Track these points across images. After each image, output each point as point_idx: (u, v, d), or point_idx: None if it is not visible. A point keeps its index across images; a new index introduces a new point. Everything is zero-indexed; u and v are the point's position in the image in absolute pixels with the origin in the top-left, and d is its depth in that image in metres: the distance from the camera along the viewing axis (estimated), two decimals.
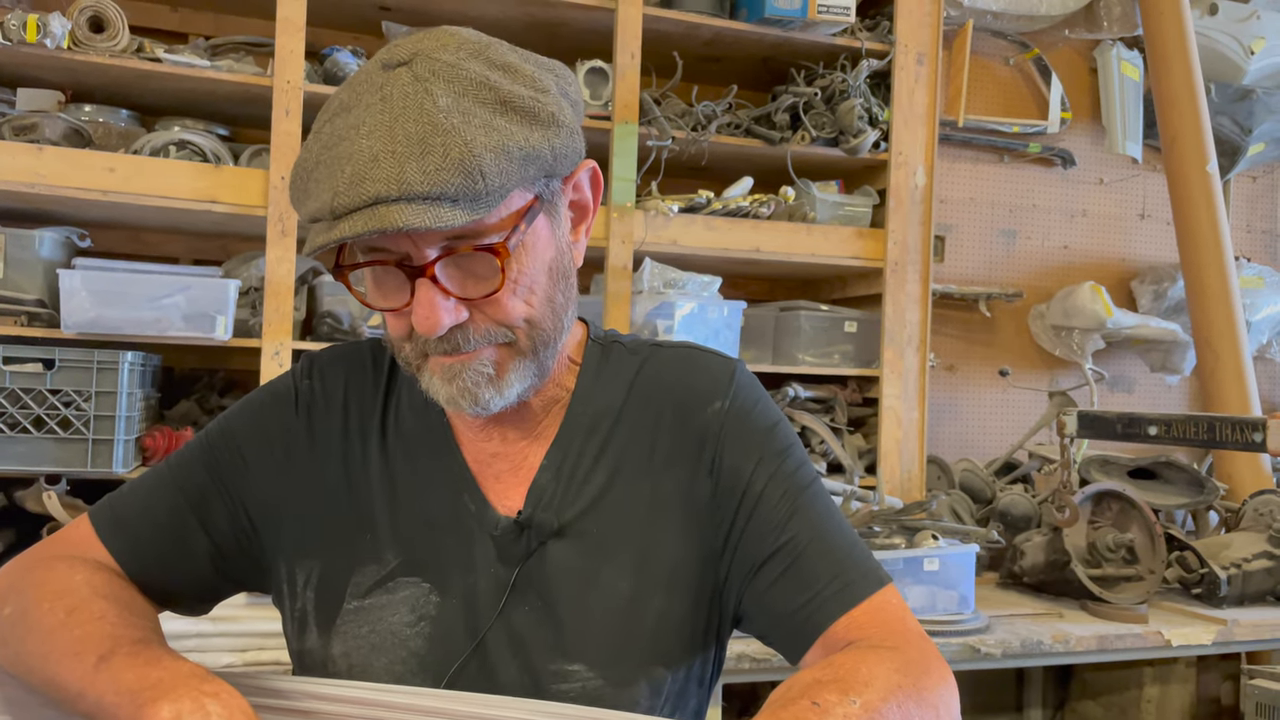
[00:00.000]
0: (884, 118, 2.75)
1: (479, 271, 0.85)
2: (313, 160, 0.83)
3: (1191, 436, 2.11)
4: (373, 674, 0.93)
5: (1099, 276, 3.52)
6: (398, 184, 0.77)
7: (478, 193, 0.79)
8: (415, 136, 0.78)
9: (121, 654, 0.80)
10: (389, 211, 0.77)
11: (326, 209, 0.79)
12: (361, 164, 0.78)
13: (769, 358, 2.82)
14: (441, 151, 0.78)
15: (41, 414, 2.05)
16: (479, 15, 2.56)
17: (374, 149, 0.78)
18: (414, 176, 0.77)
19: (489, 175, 0.79)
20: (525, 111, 0.82)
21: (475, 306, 0.86)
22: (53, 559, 0.95)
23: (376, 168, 0.78)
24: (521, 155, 0.81)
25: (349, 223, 0.78)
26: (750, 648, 2.04)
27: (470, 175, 0.78)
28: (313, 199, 0.81)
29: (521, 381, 0.90)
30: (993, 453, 3.34)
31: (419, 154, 0.78)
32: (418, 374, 0.91)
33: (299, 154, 0.86)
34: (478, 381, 0.88)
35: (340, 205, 0.78)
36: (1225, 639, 2.36)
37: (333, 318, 2.39)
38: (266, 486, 0.99)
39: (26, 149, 2.13)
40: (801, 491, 0.96)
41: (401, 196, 0.77)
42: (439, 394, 0.90)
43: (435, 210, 0.78)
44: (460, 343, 0.86)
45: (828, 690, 0.76)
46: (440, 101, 0.80)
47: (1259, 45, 3.48)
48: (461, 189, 0.78)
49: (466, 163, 0.78)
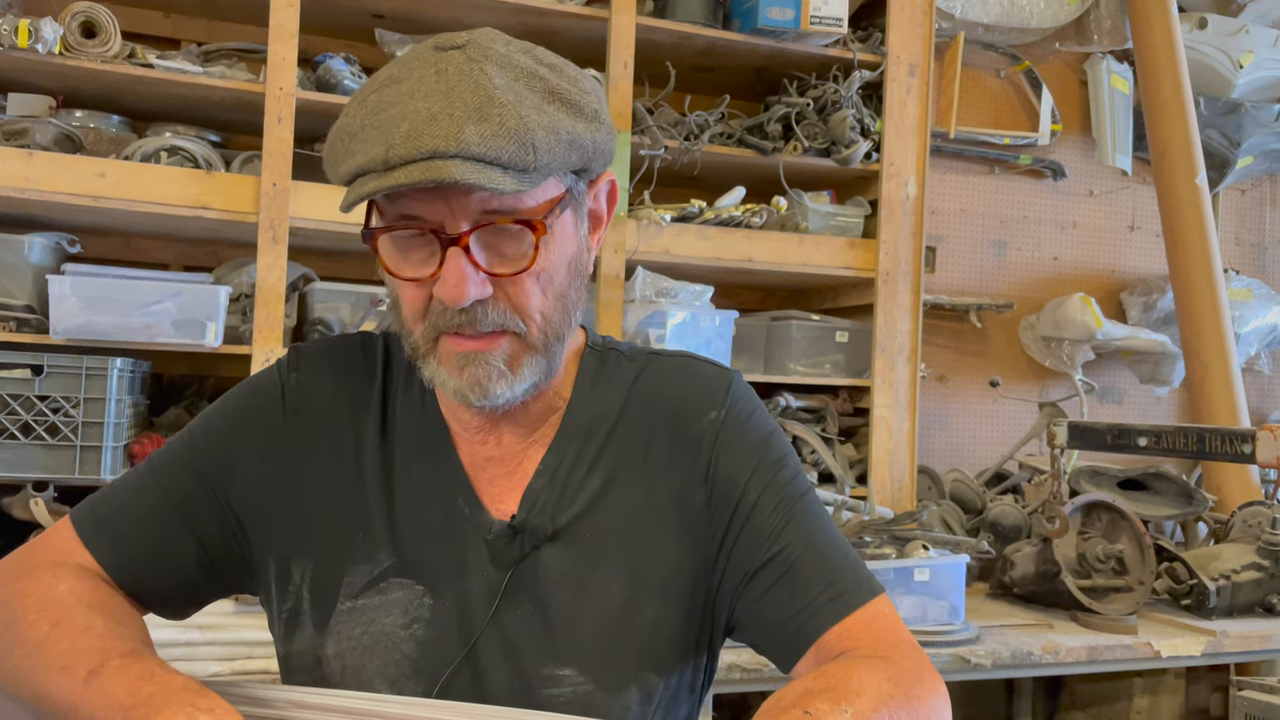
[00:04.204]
0: (876, 129, 2.76)
1: (507, 251, 0.86)
2: (356, 124, 0.84)
3: (1181, 448, 2.12)
4: (366, 675, 0.93)
5: (1089, 288, 3.53)
6: (456, 142, 0.79)
7: (528, 164, 0.81)
8: (472, 105, 0.81)
9: (112, 667, 0.79)
10: (445, 165, 0.79)
11: (379, 160, 0.80)
12: (419, 122, 0.80)
13: (761, 367, 2.82)
14: (498, 120, 0.80)
15: (29, 420, 2.04)
16: (473, 23, 2.52)
17: (432, 110, 0.81)
18: (472, 137, 0.79)
19: (540, 150, 0.82)
20: (571, 104, 0.86)
21: (499, 285, 0.86)
22: (36, 568, 0.93)
23: (435, 125, 0.80)
24: (569, 139, 0.85)
25: (404, 172, 0.79)
26: (741, 658, 2.04)
27: (524, 146, 0.81)
28: (358, 155, 0.82)
29: (531, 376, 0.90)
30: (983, 463, 3.35)
31: (477, 119, 0.80)
32: (423, 362, 0.90)
33: (338, 121, 0.87)
34: (489, 374, 0.88)
35: (395, 156, 0.79)
36: (1214, 650, 2.37)
37: (323, 325, 2.38)
38: (254, 486, 0.97)
39: (17, 154, 2.12)
40: (795, 501, 0.96)
41: (458, 154, 0.79)
42: (446, 385, 0.89)
43: (488, 172, 0.80)
44: (479, 319, 0.86)
45: (820, 699, 0.77)
46: (496, 80, 0.83)
47: (1248, 59, 3.50)
48: (514, 158, 0.81)
49: (521, 134, 0.81)
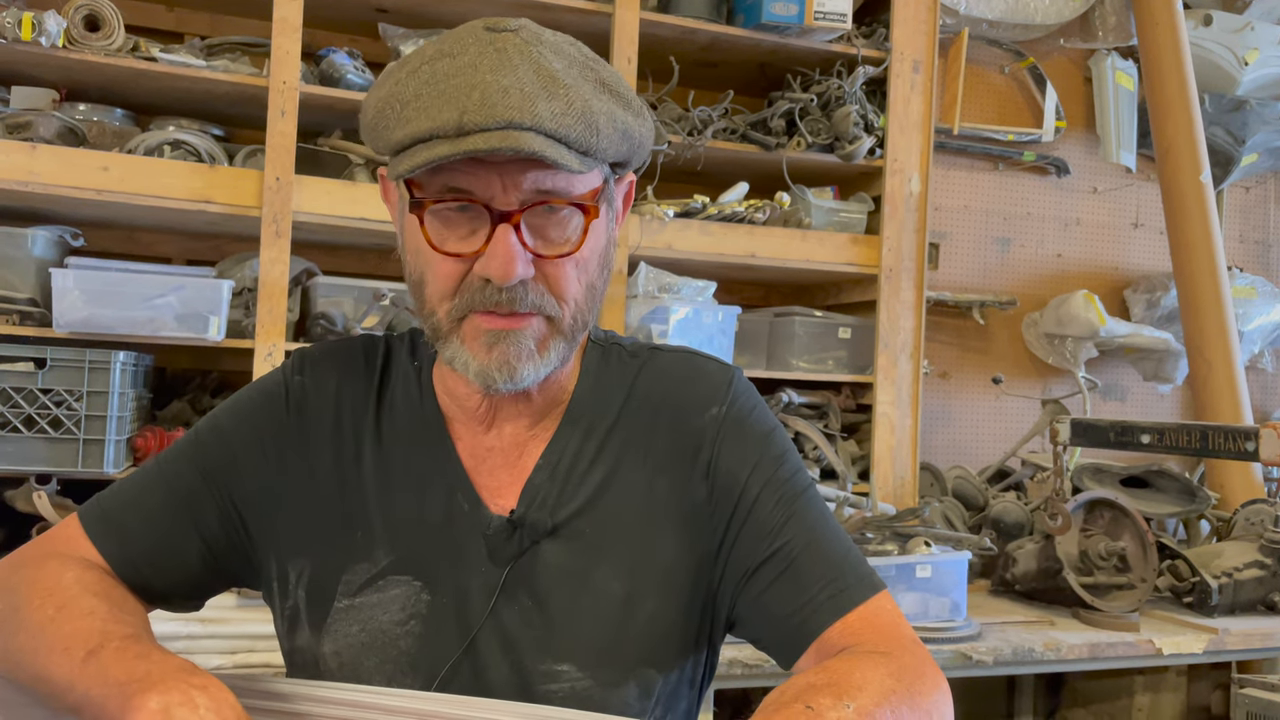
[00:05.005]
0: (879, 124, 2.76)
1: (552, 234, 0.87)
2: (410, 93, 0.83)
3: (1184, 445, 2.12)
4: (363, 673, 0.93)
5: (1092, 285, 3.53)
6: (531, 115, 0.80)
7: (590, 147, 0.83)
8: (539, 83, 0.82)
9: (110, 648, 0.80)
10: (522, 136, 0.79)
11: (452, 126, 0.80)
12: (492, 92, 0.80)
13: (763, 363, 2.82)
14: (565, 100, 0.82)
15: (32, 413, 2.04)
16: (476, 17, 2.55)
17: (502, 83, 0.81)
18: (544, 112, 0.80)
19: (602, 134, 0.84)
20: (620, 96, 0.87)
21: (539, 266, 0.87)
22: (43, 557, 0.94)
23: (508, 97, 0.80)
24: (623, 128, 0.86)
25: (481, 138, 0.79)
26: (742, 653, 2.04)
27: (590, 127, 0.82)
28: (418, 121, 0.82)
29: (555, 361, 0.90)
30: (985, 460, 3.34)
31: (546, 97, 0.81)
32: (444, 342, 0.90)
33: (378, 94, 0.86)
34: (519, 354, 0.88)
35: (470, 123, 0.79)
36: (1216, 648, 2.36)
37: (326, 319, 2.38)
38: (257, 485, 0.98)
39: (20, 147, 2.12)
40: (796, 497, 0.96)
41: (533, 127, 0.80)
42: (469, 364, 0.88)
43: (558, 149, 0.81)
44: (519, 298, 0.86)
45: (822, 694, 0.76)
46: (555, 64, 0.84)
47: (1253, 56, 3.49)
48: (580, 138, 0.82)
49: (587, 116, 0.83)
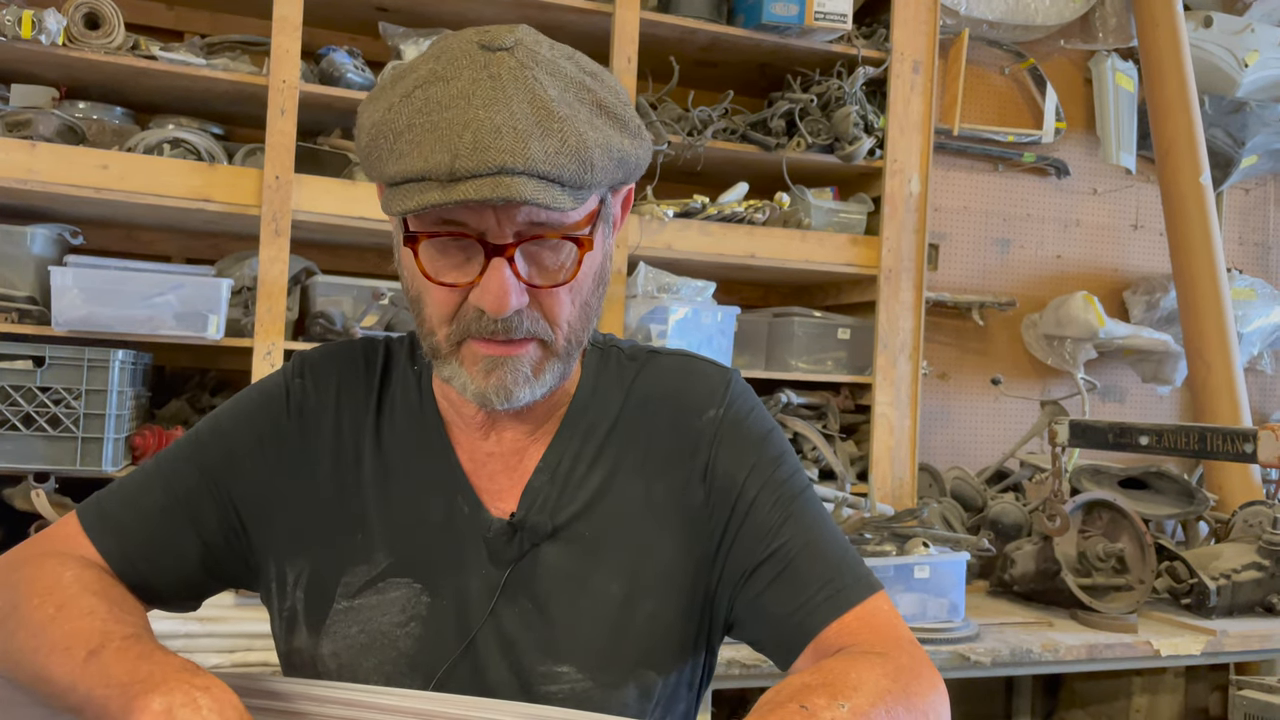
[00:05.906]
0: (879, 125, 2.76)
1: (546, 263, 0.86)
2: (403, 122, 0.82)
3: (1182, 447, 2.12)
4: (362, 674, 0.93)
5: (1092, 286, 3.53)
6: (523, 158, 0.78)
7: (583, 182, 0.82)
8: (533, 118, 0.80)
9: (112, 648, 0.80)
10: (514, 182, 0.78)
11: (444, 169, 0.79)
12: (484, 133, 0.79)
13: (762, 364, 2.82)
14: (560, 136, 0.80)
15: (31, 411, 2.04)
16: (477, 17, 2.56)
17: (495, 120, 0.79)
18: (537, 154, 0.79)
19: (596, 169, 0.82)
20: (617, 118, 0.85)
21: (533, 295, 0.86)
22: (41, 555, 0.94)
23: (500, 138, 0.79)
24: (618, 157, 0.85)
25: (472, 186, 0.78)
26: (740, 653, 2.04)
27: (583, 165, 0.81)
28: (411, 158, 0.80)
29: (552, 381, 0.91)
30: (984, 461, 3.34)
31: (540, 134, 0.80)
32: (443, 363, 0.90)
33: (372, 116, 0.85)
34: (516, 379, 0.88)
35: (462, 168, 0.78)
36: (1214, 649, 2.37)
37: (325, 318, 2.38)
38: (257, 486, 0.98)
39: (20, 145, 2.12)
40: (794, 499, 0.96)
41: (525, 171, 0.79)
42: (467, 386, 0.89)
43: (551, 191, 0.79)
44: (513, 327, 0.86)
45: (816, 694, 0.76)
46: (550, 91, 0.82)
47: (1253, 58, 3.49)
48: (573, 176, 0.81)
49: (581, 153, 0.81)
